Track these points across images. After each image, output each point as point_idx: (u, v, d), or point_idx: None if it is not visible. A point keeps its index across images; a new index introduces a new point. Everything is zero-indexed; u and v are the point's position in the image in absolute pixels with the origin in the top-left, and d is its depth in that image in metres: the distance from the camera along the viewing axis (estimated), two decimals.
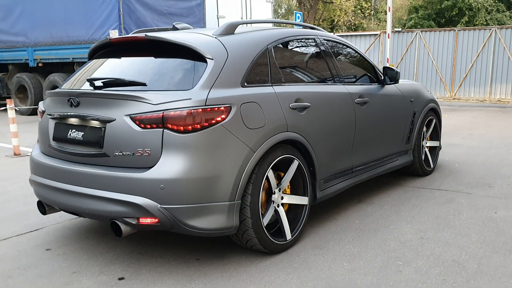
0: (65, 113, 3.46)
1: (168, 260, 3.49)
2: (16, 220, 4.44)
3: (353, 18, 34.61)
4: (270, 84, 3.61)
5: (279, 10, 42.13)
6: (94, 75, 3.63)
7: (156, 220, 3.05)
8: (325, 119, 3.99)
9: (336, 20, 34.71)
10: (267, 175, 3.41)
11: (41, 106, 3.84)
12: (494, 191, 5.12)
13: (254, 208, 3.31)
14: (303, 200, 3.80)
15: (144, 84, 3.25)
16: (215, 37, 3.51)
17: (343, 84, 4.36)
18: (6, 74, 14.58)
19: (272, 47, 3.76)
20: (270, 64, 3.67)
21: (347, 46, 4.80)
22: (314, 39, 4.32)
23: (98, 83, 3.42)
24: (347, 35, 17.93)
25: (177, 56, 3.43)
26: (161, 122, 3.03)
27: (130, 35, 3.70)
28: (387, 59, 15.16)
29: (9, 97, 14.58)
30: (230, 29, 3.65)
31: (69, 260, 3.54)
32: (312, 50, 4.32)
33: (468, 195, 4.98)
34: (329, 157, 4.07)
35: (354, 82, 4.72)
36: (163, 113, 3.03)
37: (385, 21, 24.94)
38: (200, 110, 3.05)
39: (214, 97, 3.14)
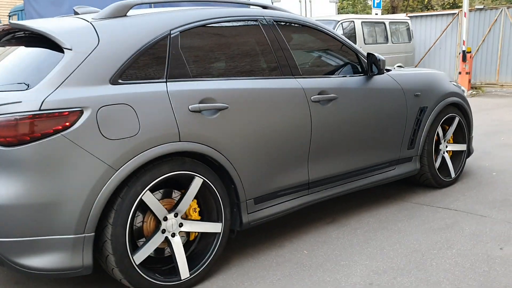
0: None
1: None
2: None
3: None
4: (164, 80, 2.82)
5: None
6: None
7: None
8: (253, 124, 3.12)
9: (426, 0, 32.07)
10: (141, 199, 2.64)
11: None
12: None
13: (118, 243, 2.57)
14: (213, 227, 2.99)
15: None
16: (91, 22, 2.80)
17: (294, 78, 3.43)
18: None
19: (178, 33, 2.96)
20: (170, 54, 2.88)
21: (318, 29, 3.80)
22: (257, 20, 3.42)
23: None
24: (421, 16, 16.17)
25: (37, 47, 2.79)
26: None
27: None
28: (463, 41, 13.38)
29: None
30: (120, 11, 2.91)
31: None
32: (250, 35, 3.42)
33: (480, 219, 3.82)
34: (264, 171, 3.21)
35: (323, 74, 3.76)
36: None
37: None
38: (31, 116, 2.36)
39: (58, 99, 2.43)
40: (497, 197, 4.34)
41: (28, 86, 2.47)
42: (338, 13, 17.95)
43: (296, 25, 3.69)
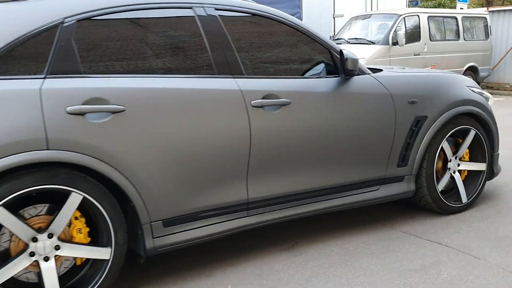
0: None
1: None
2: None
3: None
4: (42, 77, 2.40)
5: None
6: None
7: None
8: (163, 131, 2.61)
9: None
10: None
11: None
12: None
13: None
14: (98, 253, 2.52)
15: None
16: None
17: (232, 77, 2.87)
18: None
19: (74, 22, 2.53)
20: (56, 46, 2.46)
21: (277, 20, 3.17)
22: (191, 8, 2.89)
23: None
24: (504, 10, 14.53)
25: None
26: None
27: None
28: None
29: None
30: None
31: None
32: (176, 26, 2.89)
33: (470, 261, 3.02)
34: (179, 188, 2.69)
35: (276, 74, 3.14)
36: None
37: None
38: None
39: None
40: (510, 233, 3.48)
41: None
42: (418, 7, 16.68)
43: (247, 14, 3.11)
